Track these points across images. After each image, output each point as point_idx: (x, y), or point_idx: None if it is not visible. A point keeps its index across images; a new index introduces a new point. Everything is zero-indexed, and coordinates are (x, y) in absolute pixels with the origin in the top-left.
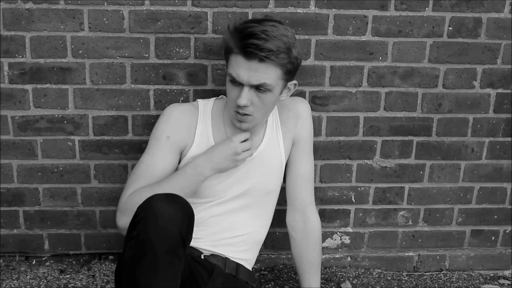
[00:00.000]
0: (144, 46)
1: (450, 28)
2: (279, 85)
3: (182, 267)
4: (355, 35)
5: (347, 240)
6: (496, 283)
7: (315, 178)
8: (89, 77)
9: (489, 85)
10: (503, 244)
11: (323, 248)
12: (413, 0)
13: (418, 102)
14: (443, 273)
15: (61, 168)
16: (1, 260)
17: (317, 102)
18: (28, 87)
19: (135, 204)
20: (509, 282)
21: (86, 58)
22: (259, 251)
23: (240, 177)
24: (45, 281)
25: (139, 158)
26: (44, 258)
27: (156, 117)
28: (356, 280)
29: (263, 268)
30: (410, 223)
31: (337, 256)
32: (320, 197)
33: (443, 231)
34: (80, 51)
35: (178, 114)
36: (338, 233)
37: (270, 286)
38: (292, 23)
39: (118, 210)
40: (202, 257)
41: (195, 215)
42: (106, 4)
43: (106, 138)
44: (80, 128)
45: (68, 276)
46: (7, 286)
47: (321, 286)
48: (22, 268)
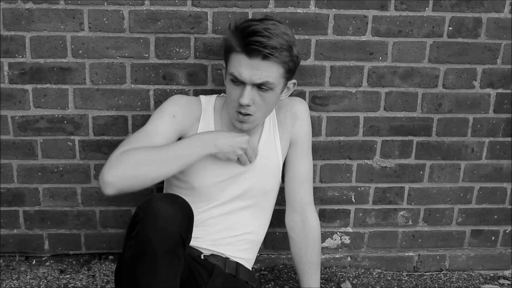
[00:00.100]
0: (144, 46)
1: (450, 28)
2: (280, 83)
3: (182, 267)
4: (355, 35)
5: (347, 240)
6: (496, 283)
7: (315, 178)
8: (89, 77)
9: (489, 85)
10: (503, 244)
11: (323, 248)
12: (413, 0)
13: (418, 102)
14: (443, 273)
15: (61, 168)
16: (1, 260)
17: (317, 102)
18: (28, 87)
19: (130, 161)
20: (509, 282)
21: (86, 58)
22: (259, 251)
23: (237, 177)
24: (45, 281)
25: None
26: (44, 258)
27: None
28: (356, 280)
29: (263, 268)
30: (410, 223)
31: (337, 256)
32: (320, 197)
33: (443, 231)
34: (80, 51)
35: (185, 102)
36: (338, 233)
37: (270, 286)
38: (292, 23)
39: (108, 163)
40: (202, 257)
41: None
42: (106, 4)
43: (106, 138)
44: (80, 128)
45: (68, 276)
46: (7, 286)
47: (321, 286)
48: (22, 268)
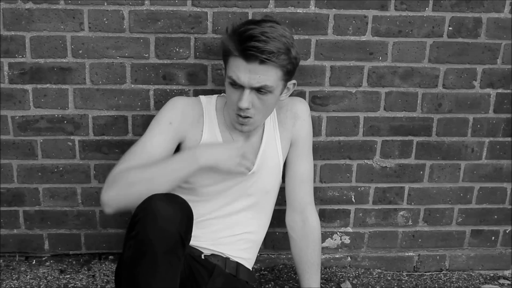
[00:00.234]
0: (144, 46)
1: (450, 28)
2: (279, 86)
3: (182, 267)
4: (355, 35)
5: (347, 240)
6: (496, 283)
7: (315, 178)
8: (89, 77)
9: (489, 85)
10: (503, 244)
11: (323, 248)
12: (413, 0)
13: (418, 102)
14: (443, 273)
15: (61, 168)
16: (1, 260)
17: (317, 102)
18: (28, 87)
19: (123, 181)
20: (509, 282)
21: (86, 58)
22: (259, 251)
23: (237, 177)
24: (45, 281)
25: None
26: (44, 258)
27: None
28: (356, 280)
29: (263, 268)
30: (410, 223)
31: (337, 256)
32: (320, 197)
33: (443, 231)
34: (80, 51)
35: (183, 105)
36: (338, 233)
37: (270, 286)
38: (292, 23)
39: (106, 183)
40: (202, 256)
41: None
42: (106, 4)
43: (106, 138)
44: (80, 128)
45: (68, 276)
46: (7, 286)
47: (321, 286)
48: (22, 268)
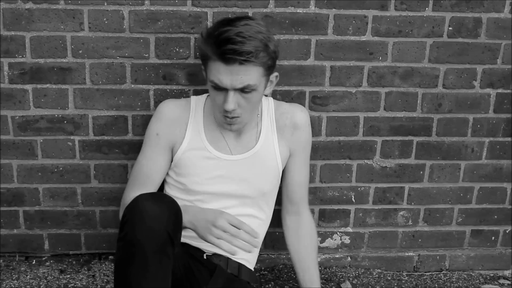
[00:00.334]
0: (144, 46)
1: (450, 28)
2: (262, 82)
3: (172, 265)
4: (355, 35)
5: (347, 240)
6: (496, 283)
7: (315, 178)
8: (89, 77)
9: (489, 85)
10: (503, 244)
11: (323, 248)
12: (413, 0)
13: (418, 102)
14: (443, 273)
15: (61, 168)
16: (1, 260)
17: (317, 102)
18: (28, 87)
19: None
20: (509, 282)
21: (86, 58)
22: (259, 251)
23: (234, 177)
24: (45, 281)
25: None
26: (44, 258)
27: None
28: (356, 280)
29: (263, 268)
30: (410, 223)
31: (337, 256)
32: (320, 197)
33: (443, 231)
34: (80, 51)
35: (168, 110)
36: (338, 233)
37: (270, 286)
38: (292, 23)
39: (120, 209)
40: (204, 256)
41: None
42: (106, 4)
43: (106, 138)
44: (80, 128)
45: (68, 276)
46: (7, 286)
47: (321, 286)
48: (22, 268)
